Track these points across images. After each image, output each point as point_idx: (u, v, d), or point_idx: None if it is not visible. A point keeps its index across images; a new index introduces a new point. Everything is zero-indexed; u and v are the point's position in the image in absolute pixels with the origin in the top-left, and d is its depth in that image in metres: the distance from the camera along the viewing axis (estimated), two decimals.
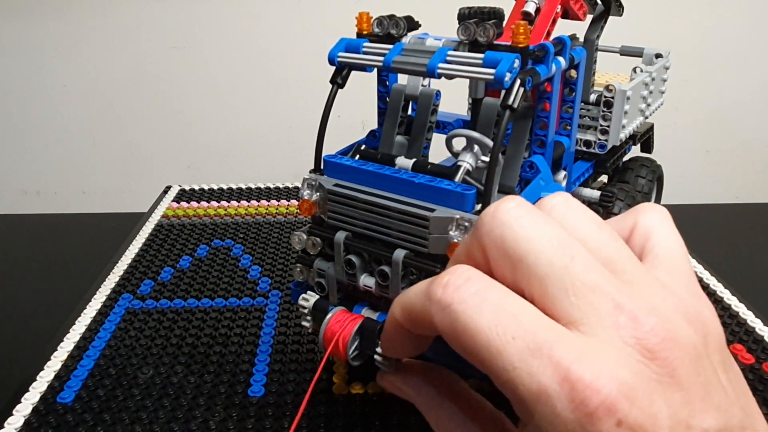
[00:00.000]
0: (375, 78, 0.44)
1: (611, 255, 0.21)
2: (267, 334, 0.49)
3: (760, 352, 0.48)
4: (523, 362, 0.19)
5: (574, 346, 0.19)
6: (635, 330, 0.19)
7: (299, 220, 0.70)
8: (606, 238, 0.22)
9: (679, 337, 0.19)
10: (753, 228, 0.83)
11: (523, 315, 0.20)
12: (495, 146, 0.32)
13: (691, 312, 0.20)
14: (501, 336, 0.19)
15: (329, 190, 0.36)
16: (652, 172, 0.56)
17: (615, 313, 0.19)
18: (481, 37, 0.34)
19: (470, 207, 0.32)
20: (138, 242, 0.64)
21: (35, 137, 1.05)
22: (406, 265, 0.34)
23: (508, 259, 0.21)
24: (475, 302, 0.20)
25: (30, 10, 0.97)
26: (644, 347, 0.18)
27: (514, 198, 0.22)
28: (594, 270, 0.20)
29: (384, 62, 0.36)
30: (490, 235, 0.22)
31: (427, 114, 0.42)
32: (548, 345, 0.19)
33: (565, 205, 0.23)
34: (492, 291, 0.21)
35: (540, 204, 0.23)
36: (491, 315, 0.20)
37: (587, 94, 0.48)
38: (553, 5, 0.42)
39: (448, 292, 0.21)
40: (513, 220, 0.21)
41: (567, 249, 0.20)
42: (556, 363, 0.18)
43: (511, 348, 0.19)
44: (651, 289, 0.20)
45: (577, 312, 0.19)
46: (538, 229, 0.21)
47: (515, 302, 0.20)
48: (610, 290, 0.19)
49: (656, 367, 0.18)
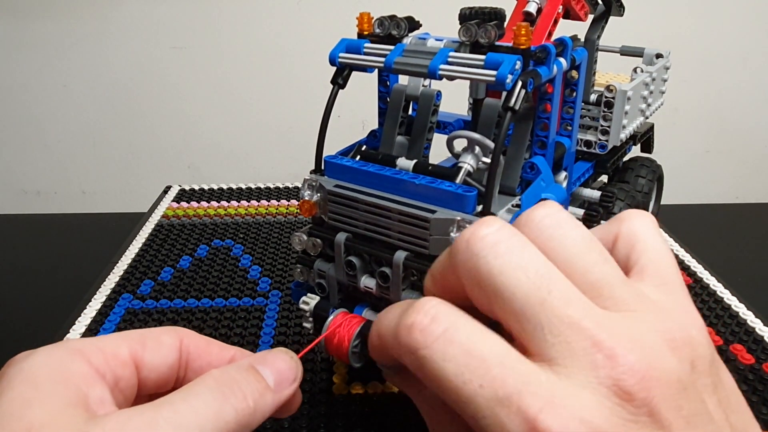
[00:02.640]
0: (375, 78, 0.44)
1: (598, 279, 0.20)
2: (267, 334, 0.49)
3: (760, 352, 0.48)
4: (491, 411, 0.18)
5: (544, 392, 0.18)
6: (612, 369, 0.18)
7: (299, 220, 0.70)
8: (594, 258, 0.21)
9: (660, 372, 0.18)
10: (753, 228, 0.83)
11: (490, 359, 0.19)
12: (496, 147, 0.31)
13: (677, 337, 0.19)
14: (468, 384, 0.19)
15: (330, 191, 0.36)
16: (653, 172, 0.56)
17: (592, 351, 0.18)
18: (482, 39, 0.34)
19: (471, 208, 0.32)
20: (138, 242, 0.64)
21: (35, 137, 1.05)
22: (406, 267, 0.34)
23: (483, 292, 0.20)
24: (441, 347, 0.20)
25: (30, 10, 0.97)
26: (621, 388, 0.18)
27: (490, 222, 0.21)
28: (573, 304, 0.19)
29: (385, 63, 0.35)
30: (465, 265, 0.21)
31: (428, 114, 0.42)
32: (516, 393, 0.18)
33: (551, 219, 0.22)
34: (459, 331, 0.20)
35: (526, 216, 0.22)
36: (458, 360, 0.19)
37: (588, 94, 0.48)
38: (554, 5, 0.42)
39: (414, 336, 0.20)
40: (487, 249, 0.20)
41: (544, 282, 0.19)
42: (524, 413, 0.18)
43: (479, 398, 0.19)
44: (637, 316, 0.20)
45: (553, 351, 0.19)
46: (513, 261, 0.20)
47: (483, 343, 0.19)
48: (588, 326, 0.19)
49: (633, 408, 0.18)
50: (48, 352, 0.22)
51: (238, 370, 0.23)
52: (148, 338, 0.24)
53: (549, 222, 0.22)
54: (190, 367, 0.25)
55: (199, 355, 0.25)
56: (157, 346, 0.24)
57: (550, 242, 0.21)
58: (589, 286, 0.20)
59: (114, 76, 1.02)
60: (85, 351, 0.23)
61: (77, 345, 0.23)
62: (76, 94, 1.03)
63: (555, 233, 0.21)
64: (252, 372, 0.24)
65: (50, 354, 0.22)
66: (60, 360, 0.22)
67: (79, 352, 0.22)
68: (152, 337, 0.25)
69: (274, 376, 0.24)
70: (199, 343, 0.26)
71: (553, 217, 0.22)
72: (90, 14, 0.98)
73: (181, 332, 0.26)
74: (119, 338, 0.24)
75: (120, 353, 0.23)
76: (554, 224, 0.22)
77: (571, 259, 0.21)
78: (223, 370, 0.23)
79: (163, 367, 0.24)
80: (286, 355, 0.26)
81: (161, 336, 0.25)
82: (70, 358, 0.22)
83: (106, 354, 0.23)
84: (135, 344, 0.24)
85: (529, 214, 0.22)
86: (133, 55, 1.00)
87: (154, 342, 0.24)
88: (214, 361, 0.26)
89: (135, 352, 0.24)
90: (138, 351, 0.24)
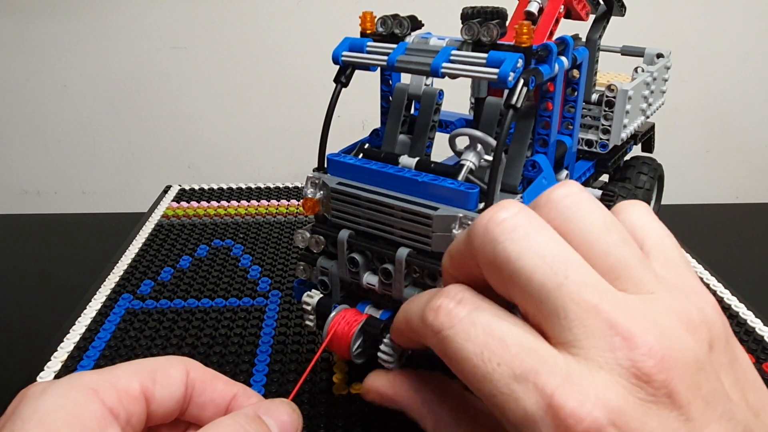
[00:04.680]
0: (375, 79, 0.44)
1: (618, 260, 0.21)
2: (267, 334, 0.49)
3: (760, 352, 0.48)
4: (508, 388, 0.19)
5: (560, 372, 0.18)
6: (630, 352, 0.18)
7: (299, 219, 0.70)
8: (613, 240, 0.21)
9: (678, 353, 0.18)
10: (753, 228, 0.83)
11: (510, 339, 0.19)
12: (498, 145, 0.32)
13: (694, 317, 0.20)
14: (487, 363, 0.19)
15: (333, 189, 0.36)
16: (654, 170, 0.56)
17: (609, 333, 0.18)
18: (484, 37, 0.34)
19: (473, 205, 0.32)
20: (138, 242, 0.64)
21: (35, 137, 1.05)
22: (409, 264, 0.34)
23: (500, 276, 0.21)
24: (464, 327, 0.20)
25: (30, 10, 0.97)
26: (640, 370, 0.18)
27: (508, 205, 0.21)
28: (590, 287, 0.19)
29: (388, 61, 0.36)
30: (482, 250, 0.21)
31: (430, 113, 0.42)
32: (534, 371, 0.18)
33: (571, 199, 0.22)
34: (481, 313, 0.20)
35: (546, 196, 0.22)
36: (479, 340, 0.20)
37: (589, 93, 0.48)
38: (556, 5, 0.42)
39: (439, 318, 0.21)
40: (506, 234, 0.20)
41: (561, 267, 0.20)
42: (541, 389, 0.18)
43: (496, 374, 0.19)
44: (655, 298, 0.20)
45: (569, 334, 0.19)
46: (531, 246, 0.20)
47: (503, 325, 0.20)
48: (606, 308, 0.19)
49: (652, 389, 0.18)
50: (62, 392, 0.22)
51: (247, 419, 0.24)
52: (158, 372, 0.25)
53: (569, 202, 0.21)
54: (194, 401, 0.26)
55: (204, 389, 0.26)
56: (166, 381, 0.25)
57: (569, 224, 0.21)
58: (608, 268, 0.20)
59: (114, 76, 1.01)
60: (99, 390, 0.23)
61: (91, 382, 0.23)
62: (76, 94, 1.02)
63: (575, 215, 0.21)
64: (259, 423, 0.24)
65: (65, 395, 0.22)
66: (75, 402, 0.22)
67: (93, 393, 0.23)
68: (161, 370, 0.25)
69: (278, 427, 0.25)
70: (205, 377, 0.26)
71: (573, 198, 0.22)
72: (90, 14, 0.98)
73: (188, 364, 0.26)
74: (131, 373, 0.24)
75: (131, 389, 0.24)
76: (574, 205, 0.21)
77: (591, 242, 0.21)
78: (233, 419, 0.24)
79: (171, 402, 0.25)
80: (288, 407, 0.26)
81: (170, 370, 0.25)
82: (84, 400, 0.22)
83: (118, 391, 0.23)
84: (146, 380, 0.24)
85: (550, 194, 0.22)
86: (133, 55, 1.00)
87: (164, 376, 0.25)
88: (217, 397, 0.26)
89: (146, 388, 0.24)
90: (149, 386, 0.24)
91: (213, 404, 0.26)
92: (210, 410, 0.26)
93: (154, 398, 0.24)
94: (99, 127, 1.05)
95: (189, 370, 0.26)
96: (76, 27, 0.99)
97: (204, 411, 0.26)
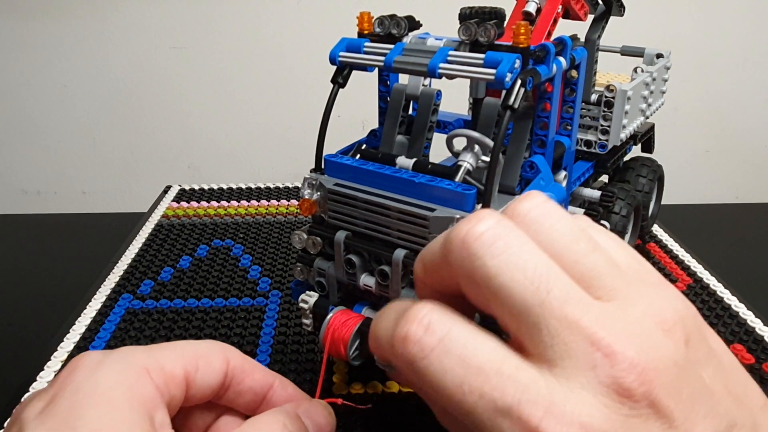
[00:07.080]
0: (375, 78, 0.44)
1: (589, 269, 0.20)
2: (267, 334, 0.49)
3: (760, 352, 0.48)
4: (492, 422, 0.18)
5: (543, 400, 0.18)
6: (611, 368, 0.18)
7: (299, 220, 0.70)
8: (583, 248, 0.21)
9: (658, 361, 0.18)
10: (753, 228, 0.82)
11: (488, 367, 0.19)
12: (495, 146, 0.31)
13: (668, 317, 0.19)
14: (468, 396, 0.19)
15: (330, 190, 0.36)
16: (653, 171, 0.56)
17: (590, 350, 0.18)
18: (482, 37, 0.34)
19: (470, 207, 0.32)
20: (138, 242, 0.64)
21: (35, 137, 1.05)
22: (406, 265, 0.34)
23: (479, 292, 0.20)
24: (438, 357, 0.19)
25: (30, 10, 0.97)
26: (621, 386, 0.18)
27: (485, 217, 0.20)
28: (571, 301, 0.19)
29: (385, 62, 0.36)
30: (460, 265, 0.20)
31: (428, 114, 0.42)
32: (516, 403, 0.18)
33: (537, 211, 0.21)
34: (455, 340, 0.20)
35: (512, 210, 0.22)
36: (456, 372, 0.19)
37: (588, 94, 0.48)
38: (554, 5, 0.42)
39: (408, 348, 0.20)
40: (484, 249, 0.20)
41: (543, 282, 0.19)
42: (525, 423, 0.18)
43: (479, 408, 0.19)
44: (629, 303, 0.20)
45: (550, 351, 0.19)
46: (511, 261, 0.19)
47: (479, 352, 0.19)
48: (586, 324, 0.19)
49: (634, 403, 0.18)
50: (120, 369, 0.23)
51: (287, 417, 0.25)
52: (200, 359, 0.25)
53: (534, 215, 0.21)
54: (232, 389, 0.26)
55: (243, 378, 0.27)
56: (208, 369, 0.25)
57: (537, 236, 0.21)
58: (580, 277, 0.20)
59: (114, 77, 1.02)
60: (151, 370, 0.23)
61: (142, 361, 0.24)
62: (76, 95, 1.03)
63: (542, 226, 0.21)
64: (299, 422, 0.25)
65: (123, 372, 0.23)
66: (133, 381, 0.23)
67: (146, 372, 0.23)
68: (204, 357, 0.25)
69: (314, 429, 0.26)
70: (244, 366, 0.27)
71: (538, 209, 0.21)
72: (90, 14, 0.98)
73: (228, 353, 0.26)
74: (177, 357, 0.25)
75: (176, 373, 0.24)
76: (541, 216, 0.21)
77: (560, 251, 0.20)
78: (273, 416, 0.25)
79: (208, 390, 0.26)
80: (326, 410, 0.27)
81: (211, 358, 0.26)
82: (140, 380, 0.23)
83: (165, 374, 0.24)
84: (189, 366, 0.25)
85: (515, 208, 0.22)
86: (133, 55, 1.00)
87: (206, 364, 0.25)
88: (255, 386, 0.27)
89: (189, 374, 0.25)
90: (191, 372, 0.25)
91: (251, 392, 0.27)
92: (248, 397, 0.27)
93: (194, 384, 0.25)
94: (99, 127, 1.05)
95: (229, 359, 0.26)
96: (76, 27, 0.99)
97: (241, 398, 0.27)
